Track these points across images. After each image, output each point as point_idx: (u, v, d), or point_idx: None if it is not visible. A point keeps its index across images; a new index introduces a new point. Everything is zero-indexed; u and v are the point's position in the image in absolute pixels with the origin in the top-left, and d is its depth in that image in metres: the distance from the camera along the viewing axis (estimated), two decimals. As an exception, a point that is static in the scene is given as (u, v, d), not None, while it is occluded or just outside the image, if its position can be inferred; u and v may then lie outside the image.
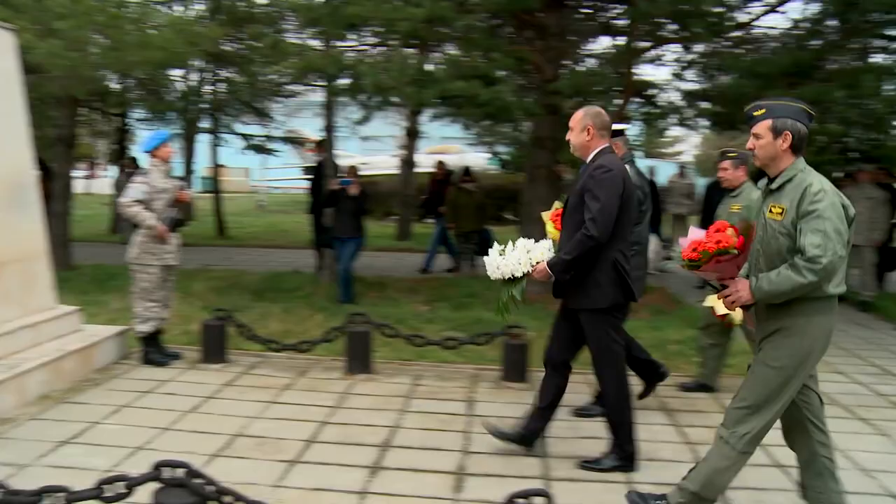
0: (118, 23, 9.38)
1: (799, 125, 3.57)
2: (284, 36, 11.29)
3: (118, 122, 20.13)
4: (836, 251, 3.34)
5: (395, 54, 8.94)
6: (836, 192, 3.48)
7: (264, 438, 5.09)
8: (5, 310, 6.18)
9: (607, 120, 4.65)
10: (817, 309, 3.53)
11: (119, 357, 7.01)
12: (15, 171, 6.43)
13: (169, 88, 15.99)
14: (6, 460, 4.64)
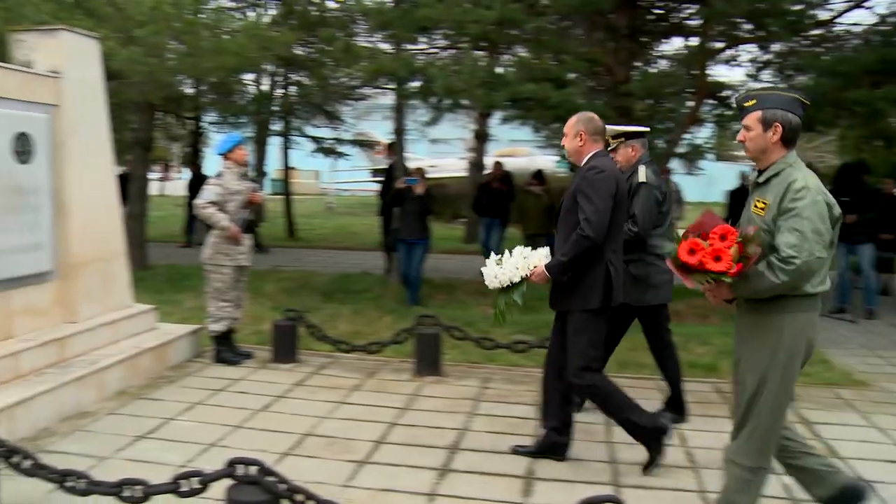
0: (194, 29, 9.61)
1: (790, 116, 3.41)
2: (355, 39, 11.41)
3: (192, 126, 20.58)
4: (811, 252, 3.21)
5: (466, 57, 8.95)
6: (820, 191, 3.32)
7: (334, 438, 5.13)
8: (87, 307, 6.38)
9: (600, 125, 4.67)
10: (795, 306, 3.39)
11: (192, 355, 7.15)
12: (98, 174, 6.62)
13: (241, 92, 16.33)
14: (87, 452, 4.78)
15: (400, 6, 9.13)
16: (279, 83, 17.45)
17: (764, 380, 3.41)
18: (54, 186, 6.15)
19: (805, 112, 3.49)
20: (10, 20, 8.35)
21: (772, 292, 3.31)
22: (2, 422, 4.73)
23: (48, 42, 6.22)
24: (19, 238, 5.72)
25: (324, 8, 12.13)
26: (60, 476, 3.62)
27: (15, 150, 5.69)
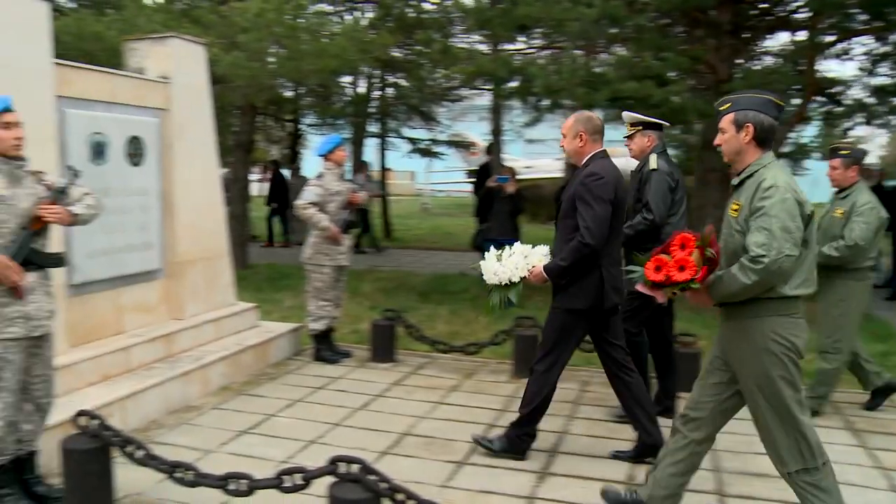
0: (295, 33, 9.80)
1: (762, 116, 3.38)
2: (453, 40, 11.44)
3: (290, 128, 21.00)
4: (780, 250, 3.14)
5: (566, 56, 8.85)
6: (790, 188, 3.26)
7: (432, 438, 5.14)
8: (192, 305, 6.57)
9: (599, 124, 4.66)
10: (773, 310, 3.31)
11: (292, 353, 7.29)
12: (204, 175, 6.81)
13: (339, 95, 16.57)
14: (193, 445, 4.93)
15: (498, 5, 9.09)
16: (376, 85, 17.65)
17: (775, 389, 3.35)
18: (163, 188, 6.36)
19: (780, 112, 3.46)
20: (125, 30, 8.68)
21: (746, 294, 3.27)
22: (114, 413, 4.91)
23: (159, 49, 6.43)
24: (130, 237, 5.94)
25: (421, 9, 12.19)
26: (170, 467, 3.73)
27: (128, 152, 5.92)
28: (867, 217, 5.40)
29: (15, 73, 4.82)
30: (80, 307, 5.53)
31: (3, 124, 3.75)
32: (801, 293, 3.34)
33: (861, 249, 5.40)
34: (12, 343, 3.77)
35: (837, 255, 5.42)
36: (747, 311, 3.36)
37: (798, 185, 3.34)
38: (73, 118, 5.41)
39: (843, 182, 5.58)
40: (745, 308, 3.36)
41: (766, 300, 3.30)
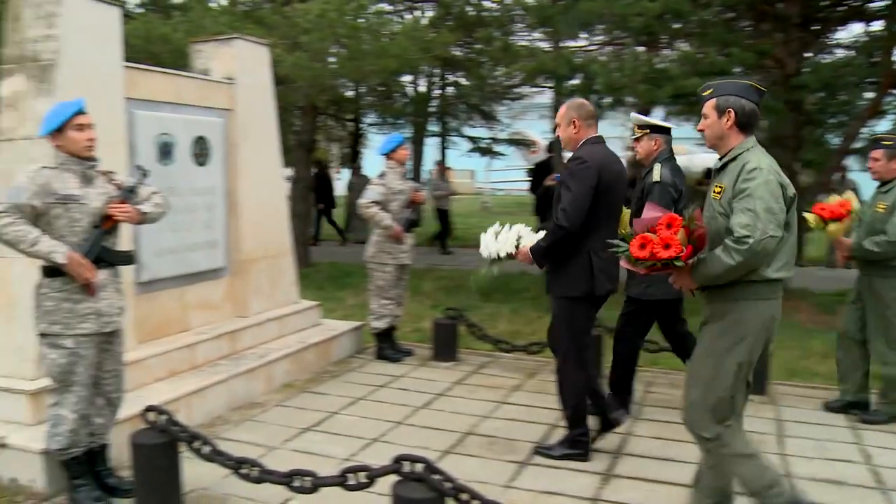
0: (357, 33, 9.85)
1: (743, 101, 3.41)
2: (513, 38, 11.38)
3: (351, 128, 21.15)
4: (765, 231, 3.16)
5: (629, 52, 8.73)
6: (773, 171, 3.29)
7: (495, 438, 5.11)
8: (256, 303, 6.64)
9: (591, 109, 4.71)
10: (755, 293, 3.36)
11: (354, 351, 7.33)
12: (267, 175, 6.88)
13: (400, 94, 16.64)
14: (257, 441, 4.99)
15: (560, 2, 9.01)
16: (436, 84, 17.68)
17: (718, 367, 3.42)
18: (228, 187, 6.45)
19: (761, 97, 3.48)
20: (190, 32, 8.83)
21: (730, 275, 3.28)
22: (180, 409, 4.99)
23: (224, 51, 6.52)
24: (196, 236, 6.03)
25: (481, 7, 12.17)
26: (236, 463, 3.77)
27: (194, 152, 6.01)
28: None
29: (88, 77, 4.94)
30: (147, 304, 5.63)
31: (76, 126, 3.84)
32: (782, 276, 3.37)
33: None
34: (85, 339, 3.86)
35: (878, 251, 5.21)
36: (729, 293, 3.39)
37: (780, 169, 3.37)
38: (141, 119, 5.52)
39: (886, 174, 5.35)
40: (727, 291, 3.38)
41: (749, 283, 3.33)
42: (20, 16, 4.95)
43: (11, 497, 4.13)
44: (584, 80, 9.20)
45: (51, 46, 4.81)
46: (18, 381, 4.62)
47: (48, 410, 3.96)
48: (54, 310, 3.82)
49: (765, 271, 3.31)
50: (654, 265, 3.36)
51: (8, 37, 5.02)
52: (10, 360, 4.72)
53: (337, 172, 41.90)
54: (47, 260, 3.70)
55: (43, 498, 4.13)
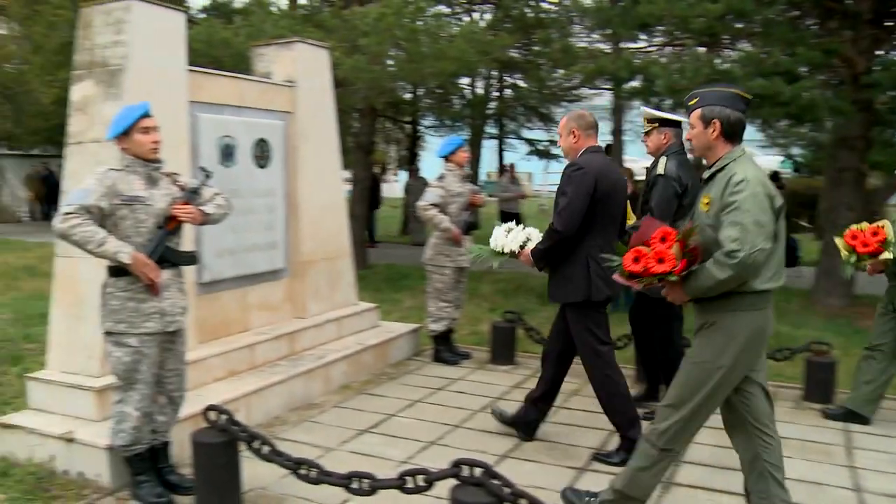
0: (416, 36, 9.88)
1: (728, 111, 3.41)
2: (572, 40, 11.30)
3: (408, 130, 21.25)
4: (754, 244, 3.18)
5: (689, 54, 8.60)
6: (760, 182, 3.28)
7: (553, 443, 5.07)
8: (314, 304, 6.70)
9: (591, 120, 4.79)
10: (743, 304, 3.35)
11: (411, 354, 7.35)
12: (327, 177, 6.94)
13: (458, 96, 16.66)
14: (314, 442, 5.03)
15: (619, 4, 8.92)
16: (494, 86, 17.66)
17: (704, 378, 3.41)
18: (288, 189, 6.51)
19: (747, 105, 3.48)
20: (251, 36, 8.96)
21: (720, 288, 3.29)
22: (240, 409, 5.06)
23: (285, 54, 6.60)
24: (257, 237, 6.10)
25: (540, 9, 12.12)
26: (295, 464, 3.79)
27: (255, 154, 6.08)
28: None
29: (154, 81, 5.04)
30: (208, 304, 5.71)
31: (141, 129, 3.91)
32: (770, 287, 3.36)
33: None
34: (148, 337, 3.93)
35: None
36: (719, 305, 3.38)
37: (767, 179, 3.35)
38: (204, 122, 5.61)
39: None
40: (717, 303, 3.38)
41: (739, 294, 3.33)
42: (91, 23, 5.07)
43: (79, 490, 4.23)
44: (643, 83, 9.09)
45: (119, 52, 4.92)
46: (85, 378, 4.73)
47: (113, 407, 4.05)
48: (119, 309, 3.90)
49: (753, 283, 3.31)
50: (650, 280, 3.38)
51: (79, 43, 5.14)
52: (77, 358, 4.84)
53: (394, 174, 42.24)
54: (113, 260, 3.77)
55: (108, 492, 4.22)
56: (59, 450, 4.43)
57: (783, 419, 5.60)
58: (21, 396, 5.61)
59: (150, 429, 4.12)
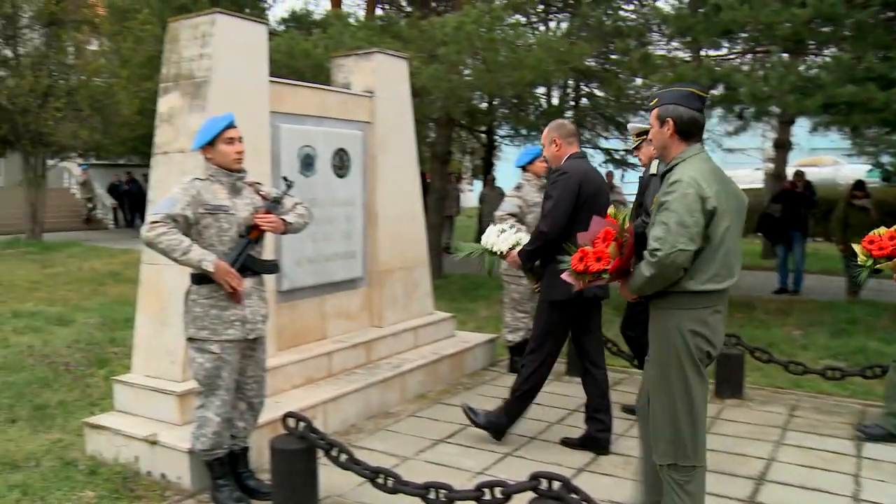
0: (493, 46, 9.88)
1: (682, 110, 3.41)
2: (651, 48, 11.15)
3: (484, 139, 21.23)
4: (674, 245, 3.19)
5: (775, 61, 8.36)
6: (693, 183, 3.24)
7: (630, 457, 4.97)
8: (391, 313, 6.73)
9: (571, 128, 5.06)
10: (677, 304, 3.37)
11: (487, 364, 7.32)
12: (405, 187, 6.98)
13: (534, 105, 16.57)
14: (390, 451, 5.04)
15: (700, 11, 8.75)
16: (570, 95, 17.53)
17: (665, 376, 3.41)
18: (366, 198, 6.57)
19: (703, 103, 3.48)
20: (330, 47, 9.09)
21: (649, 287, 3.36)
22: (316, 416, 5.11)
23: (364, 65, 6.66)
24: (335, 246, 6.16)
25: (618, 17, 12.00)
26: (372, 472, 3.81)
27: (334, 164, 6.15)
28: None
29: (238, 92, 5.14)
30: (287, 313, 5.79)
31: (226, 139, 3.99)
32: (710, 288, 3.33)
33: None
34: (230, 344, 4.00)
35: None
36: (658, 304, 3.45)
37: (710, 180, 3.30)
38: (285, 132, 5.69)
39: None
40: (657, 301, 3.44)
41: (673, 294, 3.36)
42: (178, 37, 5.21)
43: (162, 491, 4.33)
44: (725, 91, 8.89)
45: (204, 64, 5.03)
46: (168, 383, 4.84)
47: (195, 412, 4.13)
48: (202, 316, 3.97)
49: (687, 283, 3.32)
50: (591, 278, 3.51)
51: (166, 57, 5.28)
52: (161, 363, 4.96)
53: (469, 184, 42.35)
54: (197, 268, 3.85)
55: (189, 494, 4.30)
56: (144, 451, 4.55)
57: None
58: (107, 398, 5.78)
59: (231, 434, 4.19)
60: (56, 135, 18.57)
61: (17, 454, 4.88)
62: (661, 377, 3.44)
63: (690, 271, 3.29)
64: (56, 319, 9.09)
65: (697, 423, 3.40)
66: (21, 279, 12.52)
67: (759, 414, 5.92)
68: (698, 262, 3.29)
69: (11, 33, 18.78)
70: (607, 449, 5.05)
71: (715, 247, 3.31)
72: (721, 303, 3.43)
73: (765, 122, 13.34)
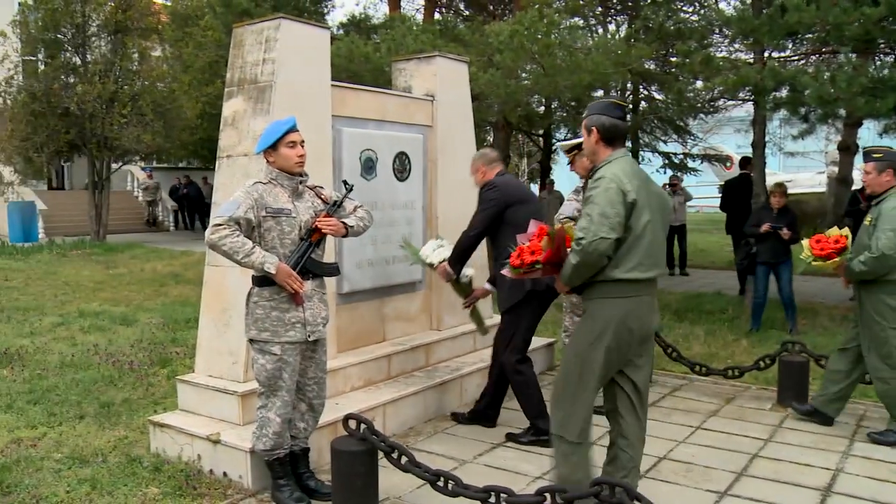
0: (550, 50, 9.84)
1: (603, 118, 3.74)
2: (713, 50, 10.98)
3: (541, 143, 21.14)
4: (596, 233, 3.44)
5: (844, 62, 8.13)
6: (616, 179, 3.53)
7: (691, 465, 4.91)
8: (449, 316, 6.73)
9: (493, 155, 5.67)
10: (603, 292, 3.63)
11: (546, 368, 7.29)
12: (464, 190, 6.96)
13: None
14: (448, 454, 5.05)
15: (765, 12, 8.57)
16: (628, 98, 17.36)
17: (573, 358, 3.74)
18: (426, 201, 6.58)
19: (622, 111, 3.81)
20: (392, 50, 9.14)
21: (577, 275, 3.61)
22: (375, 418, 5.12)
23: (425, 68, 6.68)
24: (396, 250, 6.17)
25: (679, 19, 11.86)
26: (433, 475, 3.80)
27: (395, 167, 6.18)
28: (893, 224, 5.09)
29: (301, 96, 5.19)
30: (347, 315, 5.83)
31: (288, 143, 4.03)
32: (634, 277, 3.58)
33: (888, 259, 5.08)
34: (291, 346, 4.04)
35: (866, 269, 5.19)
36: (587, 294, 3.71)
37: (631, 177, 3.58)
38: (347, 136, 5.73)
39: (877, 188, 5.32)
40: (586, 292, 3.71)
41: (600, 283, 3.62)
42: (243, 42, 5.28)
43: (223, 490, 4.39)
44: (790, 93, 8.69)
45: (268, 69, 5.10)
46: (231, 383, 4.91)
47: (256, 412, 4.17)
48: (264, 317, 4.02)
49: (612, 272, 3.57)
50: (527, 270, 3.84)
51: (230, 62, 5.36)
52: (223, 363, 5.03)
53: (526, 187, 42.20)
54: (259, 270, 3.90)
55: (249, 493, 4.35)
56: (206, 450, 4.61)
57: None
58: (169, 397, 5.90)
59: (291, 434, 4.23)
60: (120, 139, 18.99)
61: (86, 450, 5.00)
62: (570, 355, 3.78)
63: (615, 260, 3.55)
64: (120, 319, 9.30)
65: (585, 406, 3.72)
66: (86, 280, 12.83)
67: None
68: (622, 252, 3.55)
69: (81, 41, 19.26)
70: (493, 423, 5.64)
71: (637, 237, 3.57)
72: (646, 292, 3.69)
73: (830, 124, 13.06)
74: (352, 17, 14.86)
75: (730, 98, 12.84)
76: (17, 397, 6.09)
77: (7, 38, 18.95)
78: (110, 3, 19.14)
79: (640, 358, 3.78)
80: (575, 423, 3.72)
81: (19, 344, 7.83)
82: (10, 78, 19.10)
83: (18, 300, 10.59)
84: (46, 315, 9.51)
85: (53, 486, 4.41)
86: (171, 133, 20.67)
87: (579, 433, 3.73)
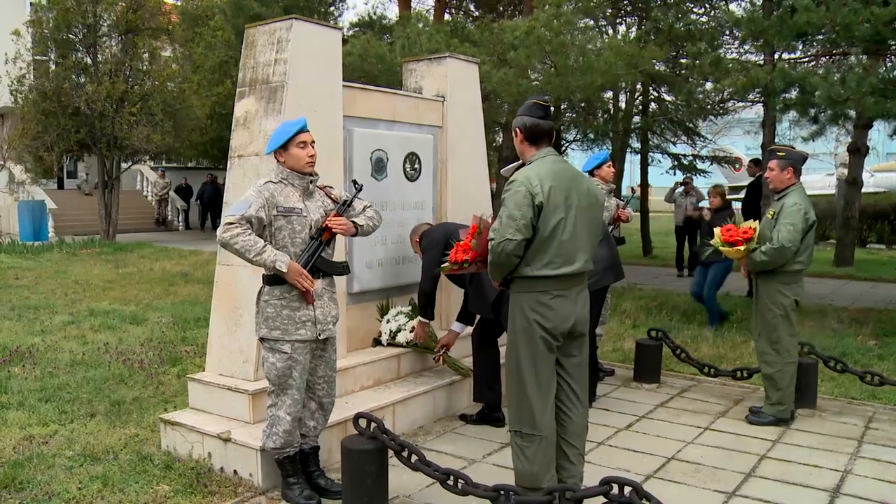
0: (564, 50, 9.84)
1: (525, 119, 3.88)
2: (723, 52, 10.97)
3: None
4: (503, 235, 3.64)
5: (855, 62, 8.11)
6: (525, 182, 3.68)
7: (700, 465, 4.92)
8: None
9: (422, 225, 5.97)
10: (521, 287, 3.79)
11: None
12: (475, 190, 6.98)
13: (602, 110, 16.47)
14: (458, 454, 5.07)
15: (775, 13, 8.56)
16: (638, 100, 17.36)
17: (508, 352, 3.88)
18: (436, 202, 6.59)
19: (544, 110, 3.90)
20: (406, 48, 9.16)
21: (494, 273, 3.83)
22: (385, 417, 5.14)
23: (435, 69, 6.69)
24: (406, 249, 6.19)
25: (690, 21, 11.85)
26: (443, 474, 3.82)
27: (405, 168, 6.19)
28: (793, 219, 5.47)
29: (312, 96, 5.22)
30: (357, 314, 5.85)
31: (299, 143, 4.06)
32: (546, 273, 3.72)
33: (787, 251, 5.45)
34: (301, 345, 4.06)
35: (767, 259, 5.53)
36: (511, 288, 3.86)
37: (544, 179, 3.70)
38: (358, 136, 5.74)
39: (779, 185, 5.71)
40: (511, 286, 3.85)
41: (516, 279, 3.79)
42: (255, 42, 5.31)
43: (234, 488, 4.42)
44: (799, 94, 8.68)
45: (280, 69, 5.12)
46: (241, 382, 4.93)
47: (266, 411, 4.20)
48: (274, 316, 4.04)
49: (524, 269, 3.73)
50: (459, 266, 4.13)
51: (242, 62, 5.39)
52: (234, 362, 5.05)
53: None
54: (270, 268, 3.93)
55: (259, 491, 4.38)
56: (216, 448, 4.64)
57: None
58: (179, 395, 5.93)
59: (301, 433, 4.25)
60: (130, 139, 19.08)
61: (97, 447, 5.03)
62: (508, 352, 3.88)
63: (526, 258, 3.71)
64: (130, 318, 9.34)
65: (530, 396, 3.78)
66: (97, 278, 12.88)
67: (832, 425, 5.79)
68: (532, 251, 3.70)
69: (92, 41, 19.36)
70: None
71: (546, 237, 3.70)
72: (562, 287, 3.78)
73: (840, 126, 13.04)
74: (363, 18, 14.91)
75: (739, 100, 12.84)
76: (29, 395, 6.13)
77: (21, 37, 19.05)
78: (121, 3, 19.22)
79: (574, 351, 3.92)
80: (526, 415, 3.81)
81: (30, 342, 7.88)
82: (22, 77, 19.21)
83: (29, 299, 10.65)
84: (57, 313, 9.56)
85: (65, 483, 4.44)
86: (180, 133, 20.75)
87: (532, 425, 3.79)
